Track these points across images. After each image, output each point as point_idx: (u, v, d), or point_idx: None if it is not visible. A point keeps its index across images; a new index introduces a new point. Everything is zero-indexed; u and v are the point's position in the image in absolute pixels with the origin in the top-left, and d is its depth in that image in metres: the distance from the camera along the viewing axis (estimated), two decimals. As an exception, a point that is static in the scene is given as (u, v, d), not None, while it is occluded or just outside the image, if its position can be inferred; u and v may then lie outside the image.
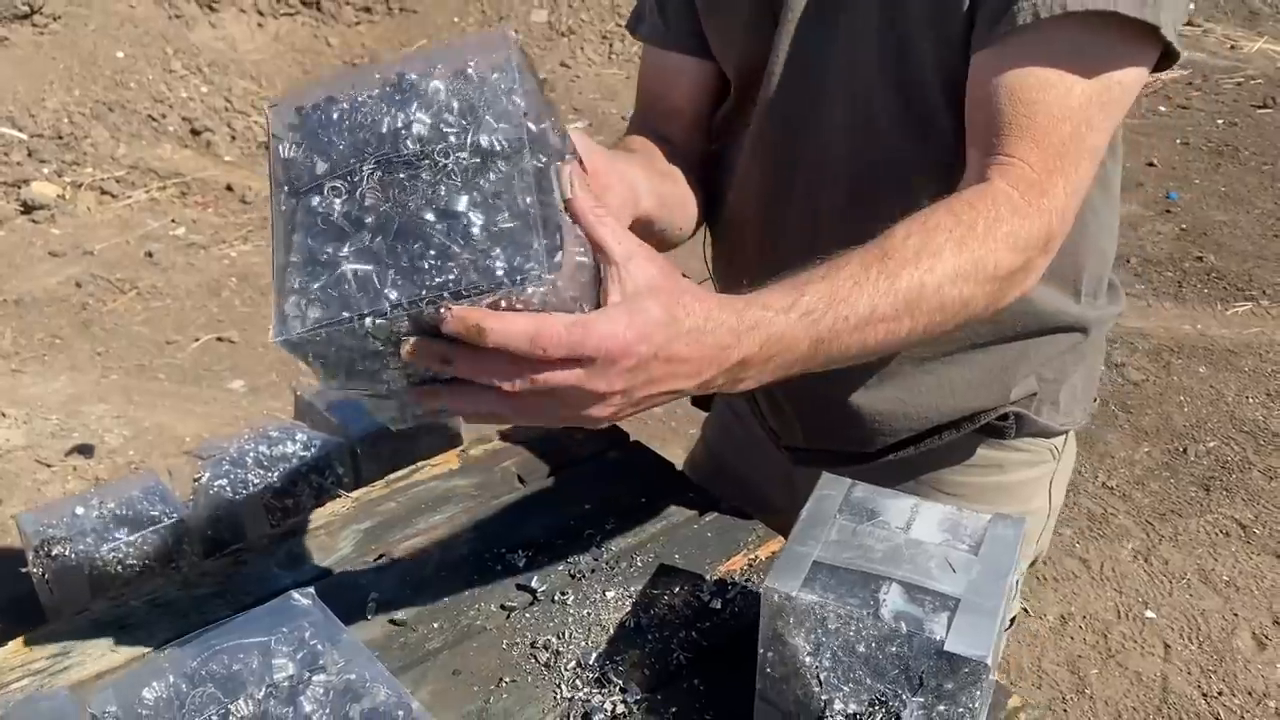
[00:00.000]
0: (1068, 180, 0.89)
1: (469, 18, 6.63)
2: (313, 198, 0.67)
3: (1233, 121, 6.02)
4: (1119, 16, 0.84)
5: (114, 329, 3.69)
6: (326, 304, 0.65)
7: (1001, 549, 0.84)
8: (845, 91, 1.00)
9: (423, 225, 0.65)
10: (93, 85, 5.37)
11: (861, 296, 0.80)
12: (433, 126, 0.67)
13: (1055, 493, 1.18)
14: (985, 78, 0.89)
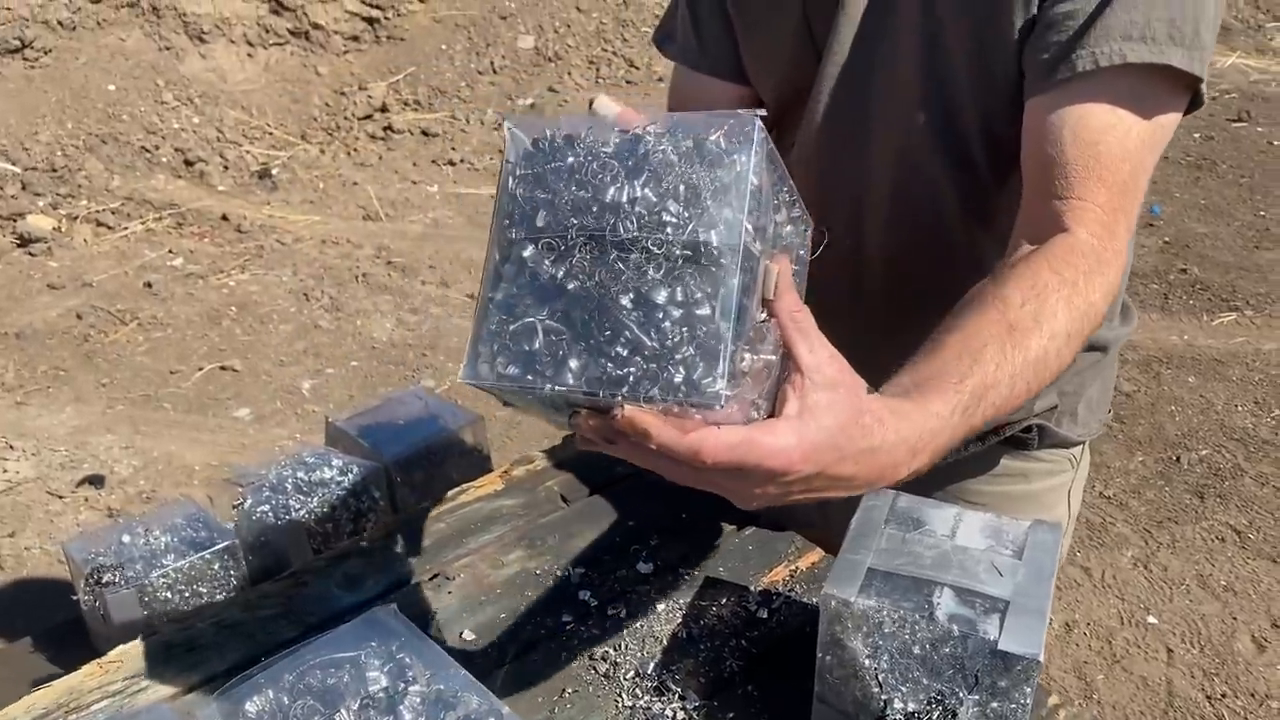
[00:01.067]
0: (1128, 218, 0.95)
1: (456, 45, 6.70)
2: (527, 247, 0.68)
3: (1209, 135, 6.14)
4: (1171, 68, 0.90)
5: (117, 360, 3.71)
6: (514, 359, 0.67)
7: (1043, 553, 0.89)
8: (887, 122, 1.06)
9: (618, 311, 0.65)
10: (85, 118, 5.40)
11: (1004, 378, 0.83)
12: (654, 211, 0.66)
13: (1074, 500, 1.24)
14: (1044, 119, 0.94)
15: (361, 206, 5.19)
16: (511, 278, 0.69)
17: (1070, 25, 0.93)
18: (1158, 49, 0.91)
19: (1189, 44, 0.92)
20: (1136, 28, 0.91)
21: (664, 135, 0.68)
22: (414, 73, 6.52)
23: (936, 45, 1.01)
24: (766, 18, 1.10)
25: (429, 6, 6.88)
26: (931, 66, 1.02)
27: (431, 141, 5.99)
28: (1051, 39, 0.94)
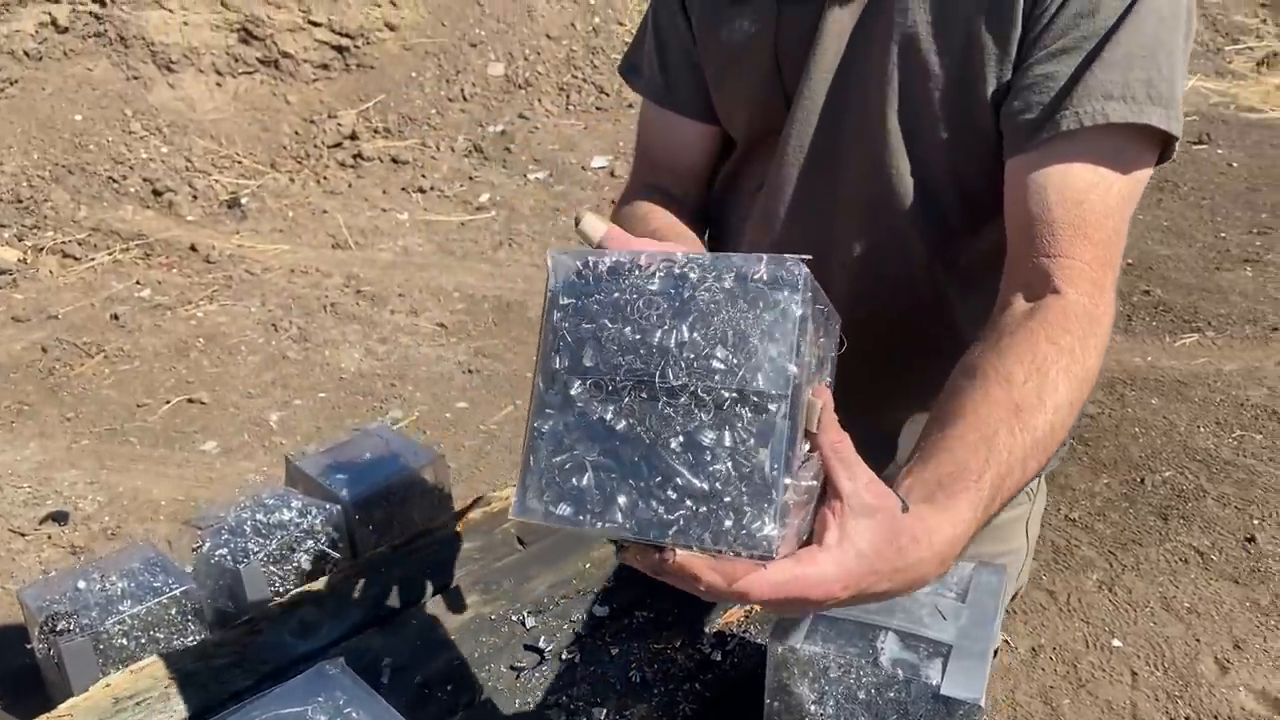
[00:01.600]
0: (1114, 271, 0.98)
1: (426, 73, 6.71)
2: (574, 383, 0.69)
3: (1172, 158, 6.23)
4: (1150, 127, 0.93)
5: (82, 393, 3.68)
6: (563, 495, 0.68)
7: (986, 595, 0.91)
8: (857, 168, 1.08)
9: (668, 455, 0.66)
10: (51, 148, 5.37)
11: (1016, 463, 0.84)
12: (702, 356, 0.67)
13: (1032, 530, 1.25)
14: (1028, 178, 0.97)
15: (331, 235, 5.18)
16: (558, 410, 0.69)
17: (1051, 86, 0.96)
18: (1138, 108, 0.94)
19: (1166, 103, 0.95)
20: (1117, 88, 0.94)
21: (708, 273, 0.68)
22: (384, 100, 6.53)
23: (909, 97, 1.03)
24: (736, 62, 1.12)
25: (399, 34, 6.90)
26: (903, 117, 1.04)
27: (401, 169, 6.00)
28: (1033, 99, 0.96)
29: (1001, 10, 0.97)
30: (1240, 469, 3.30)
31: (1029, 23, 0.96)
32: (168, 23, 6.18)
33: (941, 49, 0.99)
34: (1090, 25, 0.94)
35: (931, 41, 1.00)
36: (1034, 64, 0.96)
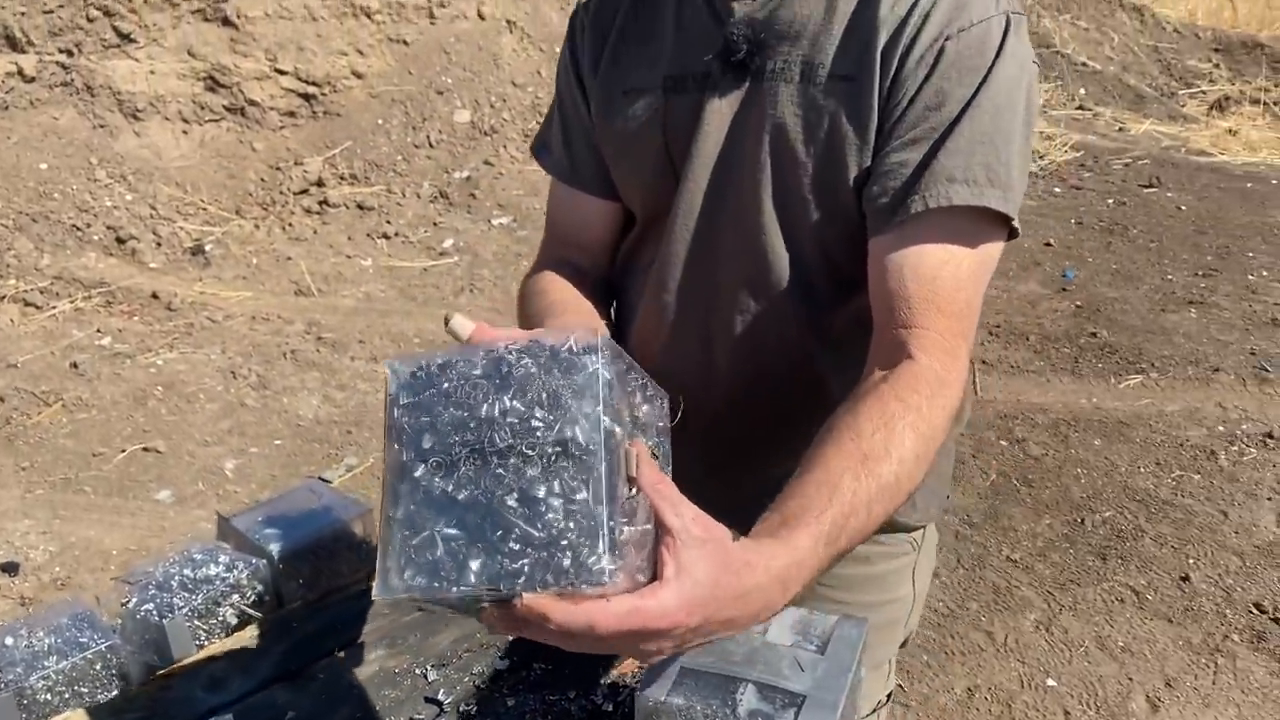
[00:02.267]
0: (967, 340, 1.04)
1: (393, 120, 6.80)
2: (418, 467, 0.76)
3: (1122, 201, 6.38)
4: (990, 209, 1.00)
5: (39, 442, 3.70)
6: (420, 569, 0.74)
7: (845, 647, 0.96)
8: (737, 246, 1.15)
9: (506, 511, 0.73)
10: (15, 197, 5.41)
11: (860, 504, 0.90)
12: (523, 419, 0.74)
13: (918, 580, 1.31)
14: (886, 257, 1.04)
15: (294, 281, 5.23)
16: (407, 495, 0.76)
17: (903, 172, 1.03)
18: (979, 191, 1.01)
19: (1003, 185, 1.02)
20: (960, 172, 1.01)
21: (523, 352, 0.77)
22: (350, 147, 6.61)
23: (781, 182, 1.10)
24: (630, 146, 1.19)
25: (366, 82, 7.00)
26: (777, 201, 1.11)
27: (367, 215, 6.06)
28: (888, 184, 1.04)
29: (860, 104, 1.04)
30: (1178, 509, 3.39)
31: (884, 115, 1.04)
32: (134, 72, 6.25)
33: (809, 139, 1.07)
34: (937, 117, 1.01)
35: (800, 132, 1.07)
36: (889, 152, 1.03)
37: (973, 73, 1.01)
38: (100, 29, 6.17)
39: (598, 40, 1.21)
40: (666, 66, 1.14)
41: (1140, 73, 9.38)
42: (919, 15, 1.01)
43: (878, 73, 1.02)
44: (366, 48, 7.12)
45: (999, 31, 1.01)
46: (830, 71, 1.05)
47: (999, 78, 1.01)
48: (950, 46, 1.00)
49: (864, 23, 1.03)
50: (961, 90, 1.01)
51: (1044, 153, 7.25)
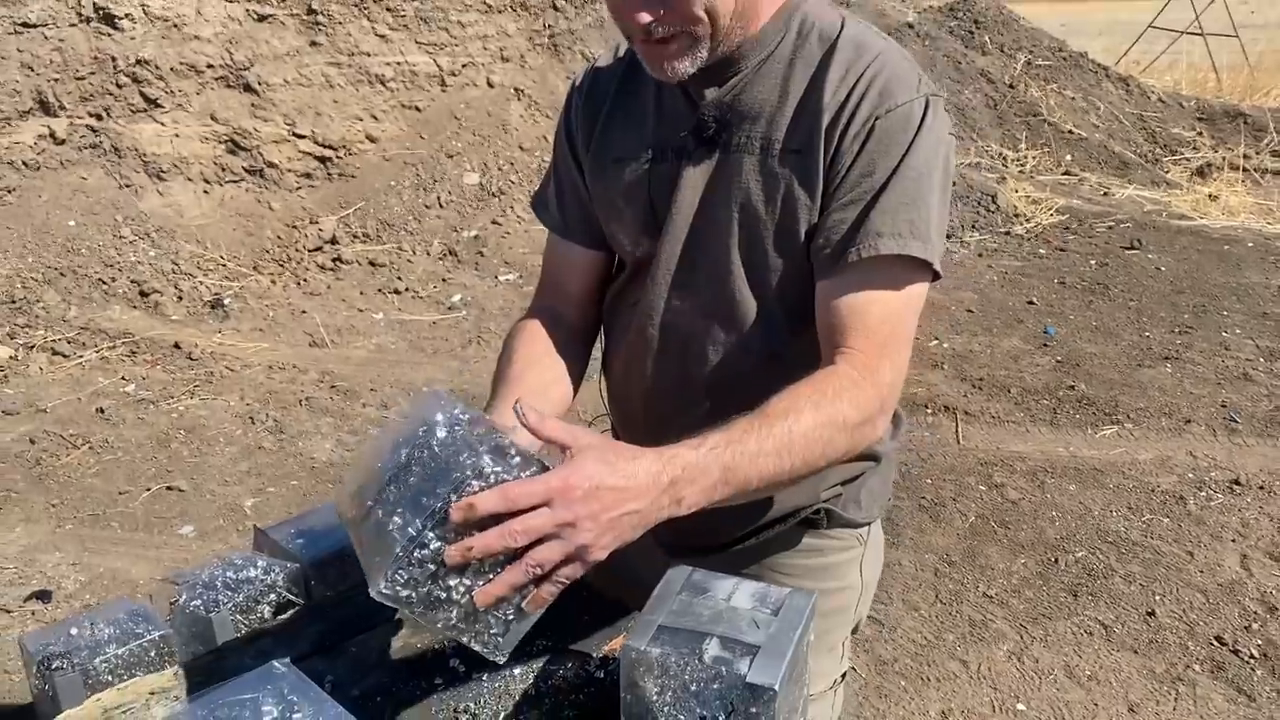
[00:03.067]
0: (893, 364, 1.26)
1: (405, 181, 7.09)
2: (377, 511, 1.04)
3: (1104, 262, 6.63)
4: (912, 256, 1.23)
5: (67, 481, 3.90)
6: (391, 557, 1.01)
7: (794, 612, 1.16)
8: (711, 288, 1.37)
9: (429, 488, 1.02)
10: (45, 252, 5.67)
11: (749, 439, 1.12)
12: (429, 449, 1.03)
13: (866, 570, 1.51)
14: (828, 297, 1.28)
15: (309, 334, 5.47)
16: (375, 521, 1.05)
17: (842, 228, 1.26)
18: (903, 242, 1.24)
19: (923, 237, 1.24)
20: (887, 228, 1.24)
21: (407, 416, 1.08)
22: (364, 207, 6.89)
23: (746, 237, 1.33)
24: (620, 205, 1.42)
25: (379, 146, 7.30)
26: (743, 252, 1.33)
27: (379, 271, 6.32)
28: (831, 238, 1.26)
29: (809, 173, 1.27)
30: (1147, 549, 3.57)
31: (828, 181, 1.26)
32: (160, 135, 6.55)
33: (768, 201, 1.29)
34: (869, 182, 1.24)
35: (761, 196, 1.30)
36: (832, 212, 1.26)
37: (897, 146, 1.24)
38: (129, 94, 6.49)
39: (590, 117, 1.44)
40: (650, 140, 1.37)
41: (1125, 140, 9.70)
42: (854, 99, 1.24)
43: (822, 147, 1.25)
44: (381, 113, 7.44)
45: (919, 112, 1.24)
46: (784, 146, 1.28)
47: (919, 150, 1.24)
48: (879, 124, 1.23)
49: (810, 106, 1.26)
50: (888, 160, 1.24)
51: (1030, 216, 7.52)
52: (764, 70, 1.30)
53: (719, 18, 1.21)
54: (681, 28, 1.21)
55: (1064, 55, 10.70)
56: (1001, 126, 9.31)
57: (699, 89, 1.32)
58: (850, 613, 1.51)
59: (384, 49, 7.50)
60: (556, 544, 1.00)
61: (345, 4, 7.34)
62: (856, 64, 1.26)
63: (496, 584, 1.01)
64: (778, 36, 1.30)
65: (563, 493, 0.98)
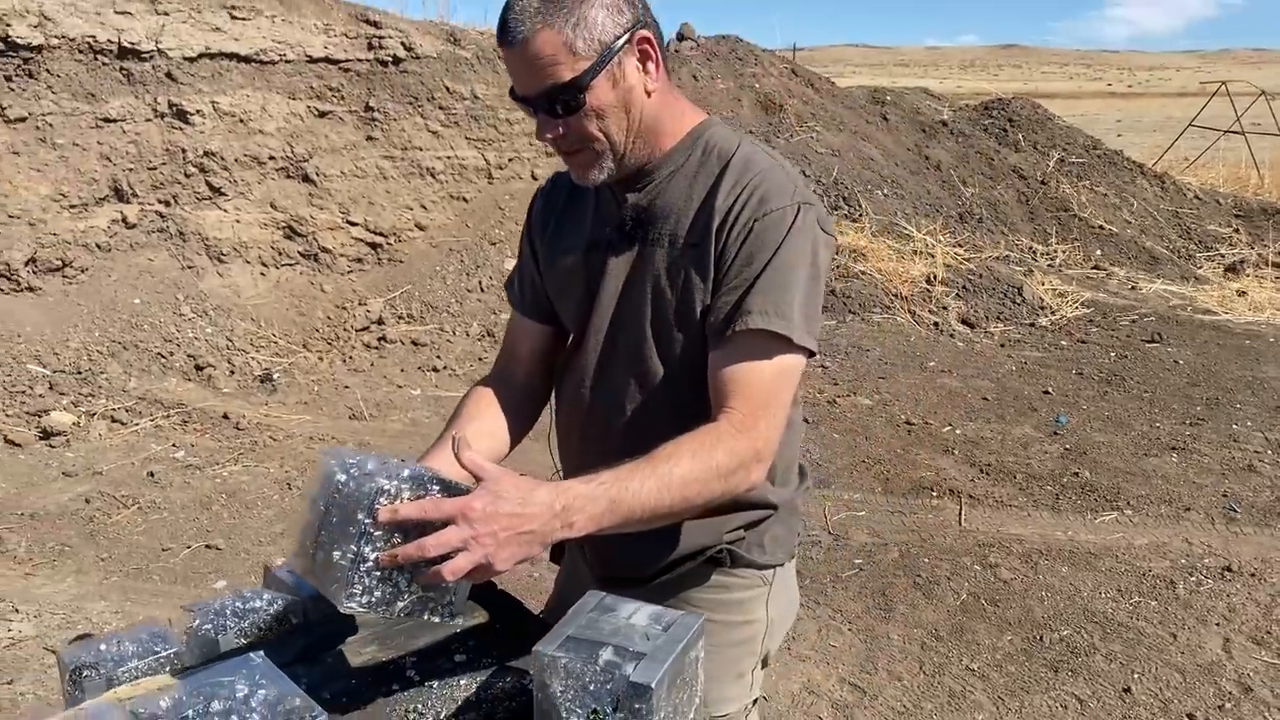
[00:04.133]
0: (768, 422, 1.49)
1: (449, 266, 7.48)
2: (319, 553, 1.32)
3: (1124, 354, 6.76)
4: (776, 332, 1.48)
5: (116, 538, 4.22)
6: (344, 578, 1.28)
7: (682, 629, 1.39)
8: (630, 357, 1.63)
9: (350, 518, 1.27)
10: (111, 327, 6.10)
11: (634, 478, 1.37)
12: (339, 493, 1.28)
13: (772, 608, 1.72)
14: (715, 366, 1.53)
15: (349, 407, 5.79)
16: (324, 551, 1.32)
17: (725, 309, 1.52)
18: (767, 320, 1.49)
19: (787, 317, 1.49)
20: (758, 307, 1.49)
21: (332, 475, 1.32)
22: (410, 290, 7.28)
23: (657, 314, 1.59)
24: (565, 287, 1.70)
25: (427, 234, 7.73)
26: (654, 327, 1.60)
27: (420, 350, 6.67)
28: (718, 316, 1.52)
29: (704, 263, 1.53)
30: (1131, 630, 3.69)
31: (718, 270, 1.52)
32: (223, 220, 7.04)
33: (673, 285, 1.56)
34: (747, 271, 1.50)
35: (667, 281, 1.56)
36: (719, 294, 1.52)
37: (771, 243, 1.49)
38: (196, 183, 7.00)
39: (547, 216, 1.73)
40: (588, 234, 1.65)
41: (1159, 236, 9.85)
42: (739, 205, 1.51)
43: (713, 241, 1.52)
44: (430, 203, 7.88)
45: (791, 216, 1.50)
46: (686, 240, 1.54)
47: (789, 246, 1.49)
48: (758, 225, 1.49)
49: (707, 208, 1.53)
50: (763, 254, 1.50)
51: (1055, 308, 7.69)
52: (673, 180, 1.57)
53: (613, 137, 1.49)
54: (582, 145, 1.49)
55: (1098, 153, 10.94)
56: (1032, 221, 9.52)
57: (622, 193, 1.60)
58: (757, 644, 1.71)
59: (435, 144, 7.98)
60: (464, 556, 1.26)
61: (400, 102, 7.85)
62: (743, 177, 1.53)
63: (430, 574, 1.27)
64: (686, 154, 1.58)
65: (467, 513, 1.24)
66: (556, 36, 1.40)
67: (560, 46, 1.40)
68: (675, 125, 1.58)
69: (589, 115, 1.46)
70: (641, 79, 1.49)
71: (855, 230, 8.35)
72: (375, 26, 7.93)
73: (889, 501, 4.80)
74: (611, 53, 1.44)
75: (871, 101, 11.00)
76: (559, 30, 1.40)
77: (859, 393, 6.18)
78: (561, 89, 1.42)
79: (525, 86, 1.45)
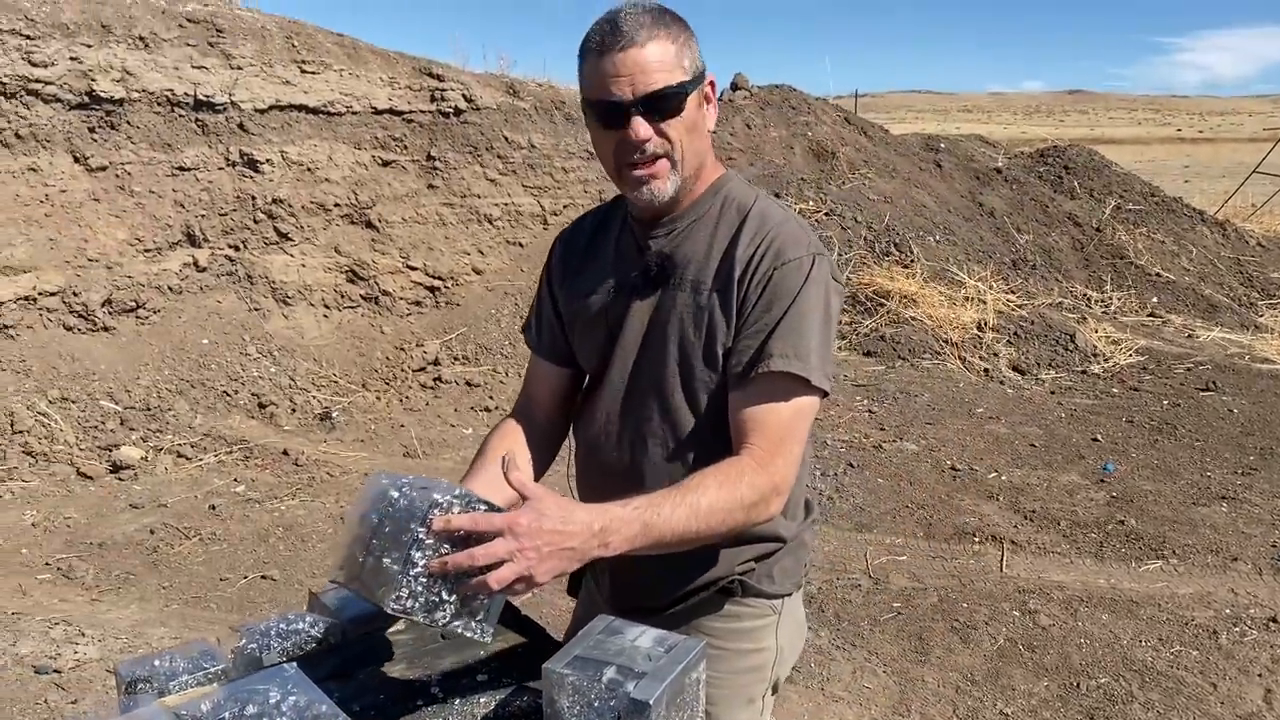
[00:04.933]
0: (785, 459, 1.59)
1: (504, 309, 7.67)
2: (369, 559, 1.42)
3: (1176, 403, 6.70)
4: (795, 374, 1.58)
5: (178, 568, 4.40)
6: (393, 581, 1.39)
7: (683, 652, 1.48)
8: (655, 394, 1.74)
9: (404, 528, 1.38)
10: (180, 366, 6.37)
11: (665, 505, 1.48)
12: (392, 506, 1.40)
13: (781, 637, 1.80)
14: (736, 406, 1.63)
15: (404, 445, 5.97)
16: (376, 562, 1.43)
17: (750, 348, 1.62)
18: (787, 362, 1.59)
19: (805, 360, 1.59)
20: (779, 351, 1.59)
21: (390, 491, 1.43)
22: (465, 332, 7.47)
23: (681, 355, 1.70)
24: (587, 329, 1.81)
25: (484, 278, 7.94)
26: (679, 367, 1.70)
27: (474, 391, 6.84)
28: (740, 360, 1.63)
29: (726, 308, 1.64)
30: (1170, 679, 3.67)
31: (739, 315, 1.63)
32: (289, 265, 7.31)
33: (696, 328, 1.67)
34: (767, 317, 1.60)
35: (691, 324, 1.67)
36: (741, 338, 1.62)
37: (789, 291, 1.60)
38: (264, 229, 7.29)
39: (569, 261, 1.85)
40: (610, 277, 1.76)
41: (1218, 283, 9.73)
42: (759, 254, 1.62)
43: (735, 289, 1.63)
44: (487, 248, 8.10)
45: (808, 264, 1.61)
46: (709, 286, 1.66)
47: (805, 295, 1.60)
48: (776, 274, 1.60)
49: (729, 257, 1.65)
50: (782, 301, 1.60)
51: (1109, 356, 7.64)
52: (695, 229, 1.69)
53: (687, 155, 1.62)
54: (665, 153, 1.60)
55: (1156, 200, 10.86)
56: (1087, 268, 9.48)
57: (645, 240, 1.72)
58: (767, 671, 1.79)
59: (493, 191, 8.22)
60: (508, 566, 1.36)
61: (460, 151, 8.11)
62: (762, 228, 1.64)
63: (465, 586, 1.38)
64: (707, 205, 1.70)
65: (514, 527, 1.35)
66: (671, 46, 1.54)
67: (673, 55, 1.55)
68: (707, 172, 1.70)
69: (682, 124, 1.59)
70: (706, 117, 1.64)
71: (906, 276, 8.39)
72: (438, 79, 8.23)
73: (930, 546, 4.82)
74: (704, 77, 1.60)
75: (925, 148, 11.07)
76: (673, 41, 1.55)
77: (905, 438, 6.20)
78: (671, 91, 1.55)
79: (632, 87, 1.55)
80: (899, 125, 12.23)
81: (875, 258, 8.76)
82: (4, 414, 5.55)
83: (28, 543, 4.62)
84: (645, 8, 1.57)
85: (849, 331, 7.97)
